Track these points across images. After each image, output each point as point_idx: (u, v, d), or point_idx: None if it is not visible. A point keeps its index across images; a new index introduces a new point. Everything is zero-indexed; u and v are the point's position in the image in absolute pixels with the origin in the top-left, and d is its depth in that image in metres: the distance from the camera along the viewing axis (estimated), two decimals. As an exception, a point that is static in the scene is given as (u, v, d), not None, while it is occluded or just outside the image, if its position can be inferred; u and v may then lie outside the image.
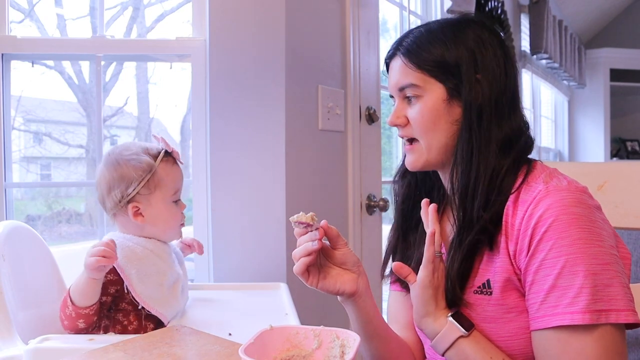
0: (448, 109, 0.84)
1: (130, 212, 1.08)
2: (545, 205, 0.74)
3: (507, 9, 3.44)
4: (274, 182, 1.57)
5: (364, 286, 0.88)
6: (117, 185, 1.07)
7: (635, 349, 1.25)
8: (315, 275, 0.86)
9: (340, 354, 0.70)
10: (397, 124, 0.88)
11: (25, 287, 1.14)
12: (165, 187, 1.10)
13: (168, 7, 1.87)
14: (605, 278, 0.70)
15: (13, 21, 1.66)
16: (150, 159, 1.09)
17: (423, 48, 0.85)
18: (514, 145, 0.82)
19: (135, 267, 1.04)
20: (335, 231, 0.87)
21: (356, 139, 1.87)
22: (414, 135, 0.87)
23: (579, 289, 0.69)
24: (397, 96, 0.89)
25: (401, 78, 0.87)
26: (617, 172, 1.08)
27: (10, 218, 1.58)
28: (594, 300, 0.69)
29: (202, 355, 0.79)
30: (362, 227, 1.90)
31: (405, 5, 2.43)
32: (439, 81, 0.84)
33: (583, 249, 0.71)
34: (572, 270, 0.70)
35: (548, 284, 0.72)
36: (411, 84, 0.85)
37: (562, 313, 0.70)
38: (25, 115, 1.84)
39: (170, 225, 1.13)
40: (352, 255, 0.88)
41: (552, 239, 0.72)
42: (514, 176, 0.81)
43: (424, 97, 0.85)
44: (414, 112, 0.86)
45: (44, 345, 0.91)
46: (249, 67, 1.57)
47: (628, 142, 5.68)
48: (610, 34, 5.65)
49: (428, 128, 0.85)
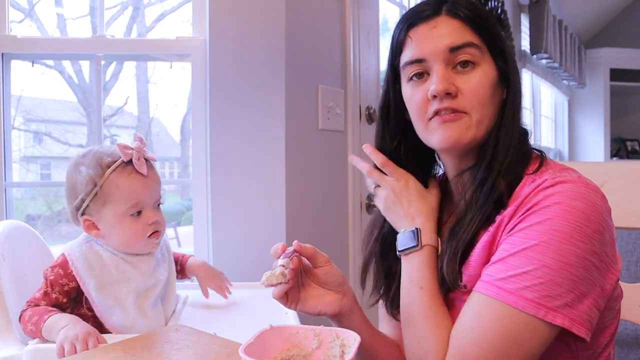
0: (499, 85, 0.78)
1: (83, 225, 1.01)
2: (547, 192, 0.70)
3: (507, 8, 3.44)
4: (274, 182, 1.57)
5: (349, 306, 0.84)
6: (68, 195, 1.02)
7: (636, 349, 1.25)
8: (295, 298, 0.81)
9: (340, 353, 0.70)
10: (450, 91, 0.74)
11: (25, 287, 1.14)
12: (116, 202, 0.99)
13: (168, 7, 1.87)
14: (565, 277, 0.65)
15: (13, 21, 1.66)
16: (95, 173, 0.99)
17: (480, 12, 0.77)
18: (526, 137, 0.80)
19: (96, 274, 0.98)
20: (311, 250, 0.81)
21: (356, 139, 1.87)
22: (464, 107, 0.75)
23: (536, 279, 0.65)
24: (440, 60, 0.76)
25: (457, 37, 0.75)
26: (617, 172, 1.08)
27: (10, 218, 1.59)
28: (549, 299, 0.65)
29: (202, 355, 0.79)
30: (362, 227, 1.90)
31: (405, 5, 2.43)
32: (492, 55, 0.77)
33: (555, 242, 0.66)
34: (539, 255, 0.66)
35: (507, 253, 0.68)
36: (472, 44, 0.75)
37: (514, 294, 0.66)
38: (25, 114, 1.84)
39: (130, 240, 1.01)
40: (335, 275, 0.82)
41: (538, 219, 0.68)
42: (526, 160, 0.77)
43: (482, 67, 0.76)
44: (474, 80, 0.75)
45: (43, 345, 0.91)
46: (249, 66, 1.57)
47: (628, 142, 5.68)
48: (610, 34, 5.65)
49: (486, 101, 0.75)
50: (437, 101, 0.75)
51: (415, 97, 0.79)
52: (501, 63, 0.78)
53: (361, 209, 1.91)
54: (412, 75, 0.79)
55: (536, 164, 0.77)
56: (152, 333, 0.91)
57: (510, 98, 0.78)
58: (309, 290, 0.82)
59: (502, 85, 0.79)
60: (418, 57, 0.78)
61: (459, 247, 0.76)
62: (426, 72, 0.78)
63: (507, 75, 0.79)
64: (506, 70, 0.78)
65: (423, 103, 0.78)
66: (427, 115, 0.78)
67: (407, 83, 0.81)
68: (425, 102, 0.77)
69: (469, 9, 0.77)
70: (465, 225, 0.76)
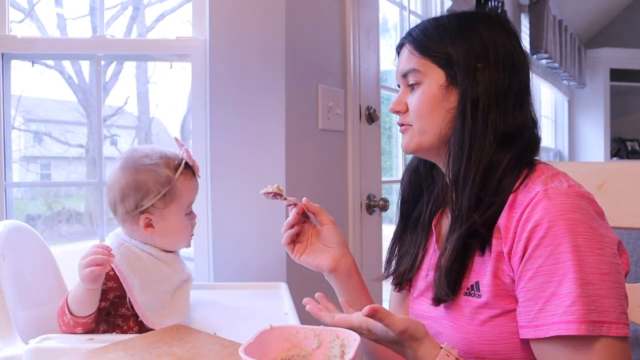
0: (446, 96, 0.83)
1: (141, 222, 1.04)
2: (543, 209, 0.72)
3: (507, 8, 3.44)
4: (274, 182, 1.57)
5: (347, 267, 0.94)
6: (132, 194, 1.03)
7: (636, 349, 1.25)
8: (300, 249, 0.95)
9: (340, 353, 0.70)
10: (397, 110, 0.89)
11: (25, 287, 1.14)
12: (180, 201, 1.06)
13: (168, 7, 1.87)
14: (600, 288, 0.68)
15: (13, 21, 1.66)
16: (170, 172, 1.05)
17: (428, 36, 0.87)
18: (515, 141, 0.80)
19: (139, 276, 1.01)
20: (316, 207, 0.96)
21: (356, 139, 1.87)
22: (409, 121, 0.88)
23: (574, 298, 0.68)
24: (402, 84, 0.91)
25: (405, 64, 0.89)
26: (617, 172, 1.08)
27: (10, 218, 1.58)
28: (588, 311, 0.67)
29: (202, 355, 0.79)
30: (362, 227, 1.90)
31: (405, 5, 2.43)
32: (440, 67, 0.85)
33: (580, 258, 0.69)
34: (568, 279, 0.69)
35: (544, 294, 0.70)
36: (413, 69, 0.87)
37: (557, 322, 0.69)
38: (25, 114, 1.84)
39: (181, 238, 1.10)
40: (336, 234, 0.95)
41: (550, 246, 0.71)
42: (515, 177, 0.79)
43: (423, 84, 0.86)
44: (414, 97, 0.87)
45: (44, 345, 0.91)
46: (249, 66, 1.57)
47: (628, 142, 5.68)
48: (610, 33, 5.65)
49: (423, 114, 0.86)
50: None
51: None
52: (451, 70, 0.84)
53: (361, 209, 1.91)
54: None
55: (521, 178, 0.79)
56: (152, 333, 0.91)
57: (459, 103, 0.83)
58: (314, 246, 0.96)
59: (454, 92, 0.84)
60: (397, 82, 0.93)
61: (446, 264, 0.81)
62: None
63: (456, 80, 0.84)
64: (456, 79, 0.83)
65: None
66: None
67: None
68: None
69: (416, 34, 0.89)
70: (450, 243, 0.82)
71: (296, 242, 0.96)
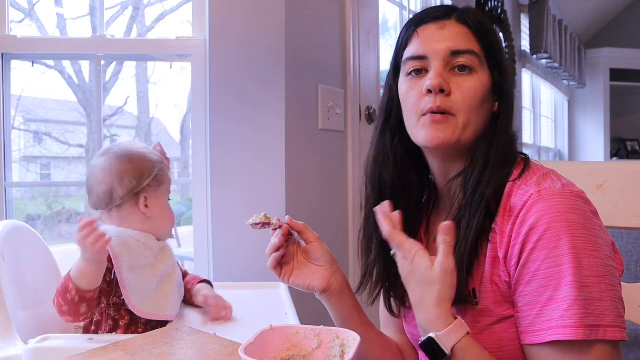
0: (490, 95, 0.80)
1: (141, 202, 1.12)
2: (538, 211, 0.71)
3: (507, 8, 3.45)
4: (274, 182, 1.57)
5: (339, 285, 0.88)
6: (130, 175, 1.11)
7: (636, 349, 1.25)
8: (288, 271, 0.88)
9: (340, 353, 0.70)
10: (445, 88, 0.76)
11: (25, 286, 1.14)
12: (167, 185, 1.16)
13: (168, 7, 1.88)
14: (596, 291, 0.67)
15: (13, 21, 1.66)
16: (156, 157, 1.16)
17: (486, 25, 0.80)
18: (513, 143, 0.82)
19: (127, 257, 1.05)
20: (301, 225, 0.89)
21: (356, 139, 1.87)
22: (452, 108, 0.77)
23: (571, 302, 0.67)
24: (440, 59, 0.78)
25: (461, 42, 0.78)
26: (617, 171, 1.08)
27: (10, 217, 1.58)
28: (585, 315, 0.66)
29: (202, 355, 0.79)
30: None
31: (405, 5, 2.43)
32: (489, 67, 0.80)
33: (577, 260, 0.68)
34: (565, 282, 0.68)
35: (541, 298, 0.69)
36: (473, 52, 0.78)
37: (555, 327, 0.67)
38: (25, 114, 1.84)
39: (169, 221, 1.19)
40: (324, 252, 0.88)
41: (546, 249, 0.69)
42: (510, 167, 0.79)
43: (478, 74, 0.78)
44: (469, 84, 0.77)
45: (43, 344, 0.91)
46: (249, 66, 1.57)
47: (628, 142, 5.68)
48: (610, 34, 5.65)
49: (476, 106, 0.77)
50: (431, 97, 0.77)
51: (411, 92, 0.80)
52: (497, 75, 0.80)
53: (361, 209, 1.91)
54: (411, 70, 0.80)
55: (519, 169, 0.78)
56: (152, 333, 0.91)
57: (503, 110, 0.80)
58: (302, 266, 0.89)
59: (493, 97, 0.81)
60: (420, 54, 0.79)
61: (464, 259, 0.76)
62: (425, 69, 0.79)
63: (501, 87, 0.81)
64: (500, 83, 0.80)
65: (418, 98, 0.79)
66: (420, 110, 0.79)
67: (405, 77, 0.82)
68: (420, 98, 0.79)
69: (477, 19, 0.80)
70: (462, 232, 0.77)
71: (282, 264, 0.88)
